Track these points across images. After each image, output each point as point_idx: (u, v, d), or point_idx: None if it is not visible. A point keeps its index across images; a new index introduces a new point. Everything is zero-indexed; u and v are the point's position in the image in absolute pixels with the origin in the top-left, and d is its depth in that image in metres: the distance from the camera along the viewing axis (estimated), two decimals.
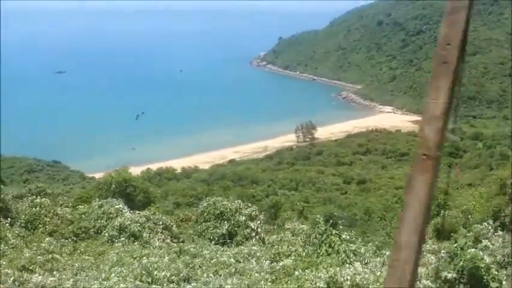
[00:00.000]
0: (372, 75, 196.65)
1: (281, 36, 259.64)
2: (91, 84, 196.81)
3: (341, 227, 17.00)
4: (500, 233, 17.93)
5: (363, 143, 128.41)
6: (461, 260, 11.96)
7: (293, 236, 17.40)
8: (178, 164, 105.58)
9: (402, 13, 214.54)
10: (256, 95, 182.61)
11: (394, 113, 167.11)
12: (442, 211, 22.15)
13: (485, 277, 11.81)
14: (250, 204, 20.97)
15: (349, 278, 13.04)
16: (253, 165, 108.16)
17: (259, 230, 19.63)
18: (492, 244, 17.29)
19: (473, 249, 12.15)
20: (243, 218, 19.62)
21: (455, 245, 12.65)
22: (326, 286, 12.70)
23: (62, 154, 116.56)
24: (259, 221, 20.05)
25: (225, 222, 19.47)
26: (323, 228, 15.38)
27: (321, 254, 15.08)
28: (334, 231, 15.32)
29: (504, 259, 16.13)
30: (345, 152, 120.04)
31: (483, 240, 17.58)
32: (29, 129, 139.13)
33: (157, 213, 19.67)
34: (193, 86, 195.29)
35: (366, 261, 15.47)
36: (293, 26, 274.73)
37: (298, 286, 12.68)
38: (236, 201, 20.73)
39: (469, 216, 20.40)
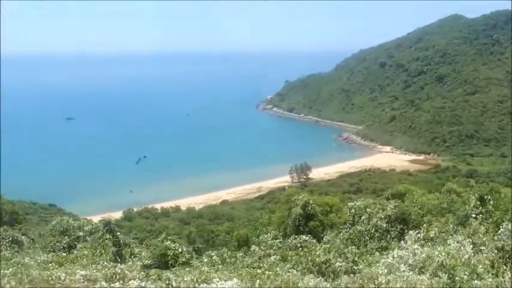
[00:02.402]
0: (374, 115, 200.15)
1: (287, 80, 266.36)
2: (99, 129, 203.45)
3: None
4: (278, 240, 21.52)
5: (355, 182, 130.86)
6: (156, 250, 15.61)
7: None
8: (171, 205, 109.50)
9: (405, 55, 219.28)
10: (258, 138, 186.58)
11: (392, 152, 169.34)
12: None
13: (171, 261, 15.36)
14: (93, 223, 24.62)
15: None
16: (243, 205, 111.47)
17: None
18: (260, 249, 20.95)
19: (167, 242, 15.75)
20: (82, 234, 23.40)
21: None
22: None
23: (62, 197, 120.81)
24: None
25: (66, 237, 23.26)
26: (100, 234, 19.10)
27: (95, 254, 18.73)
28: (108, 236, 18.99)
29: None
30: (335, 191, 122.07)
31: (253, 246, 21.24)
32: (35, 173, 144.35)
33: (10, 230, 23.46)
34: (197, 130, 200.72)
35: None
36: (304, 68, 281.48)
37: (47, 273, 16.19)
38: (81, 220, 24.63)
39: (263, 228, 23.85)
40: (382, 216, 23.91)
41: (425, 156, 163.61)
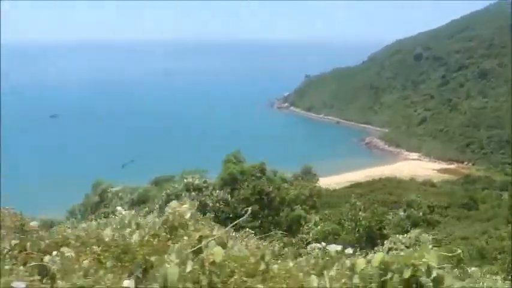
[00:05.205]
0: (404, 117, 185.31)
1: (307, 74, 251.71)
2: (86, 129, 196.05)
3: None
4: None
5: (364, 192, 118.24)
6: None
7: None
8: None
9: (444, 46, 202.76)
10: (266, 142, 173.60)
11: (420, 160, 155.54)
12: None
13: None
14: None
15: None
16: None
17: None
18: None
19: None
20: None
21: None
22: None
23: (32, 201, 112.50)
24: None
25: None
26: None
27: None
28: None
29: None
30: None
31: None
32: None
33: None
34: (200, 133, 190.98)
35: None
36: (328, 61, 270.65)
37: None
38: None
39: None
40: (127, 200, 39.17)
41: (458, 164, 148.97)
